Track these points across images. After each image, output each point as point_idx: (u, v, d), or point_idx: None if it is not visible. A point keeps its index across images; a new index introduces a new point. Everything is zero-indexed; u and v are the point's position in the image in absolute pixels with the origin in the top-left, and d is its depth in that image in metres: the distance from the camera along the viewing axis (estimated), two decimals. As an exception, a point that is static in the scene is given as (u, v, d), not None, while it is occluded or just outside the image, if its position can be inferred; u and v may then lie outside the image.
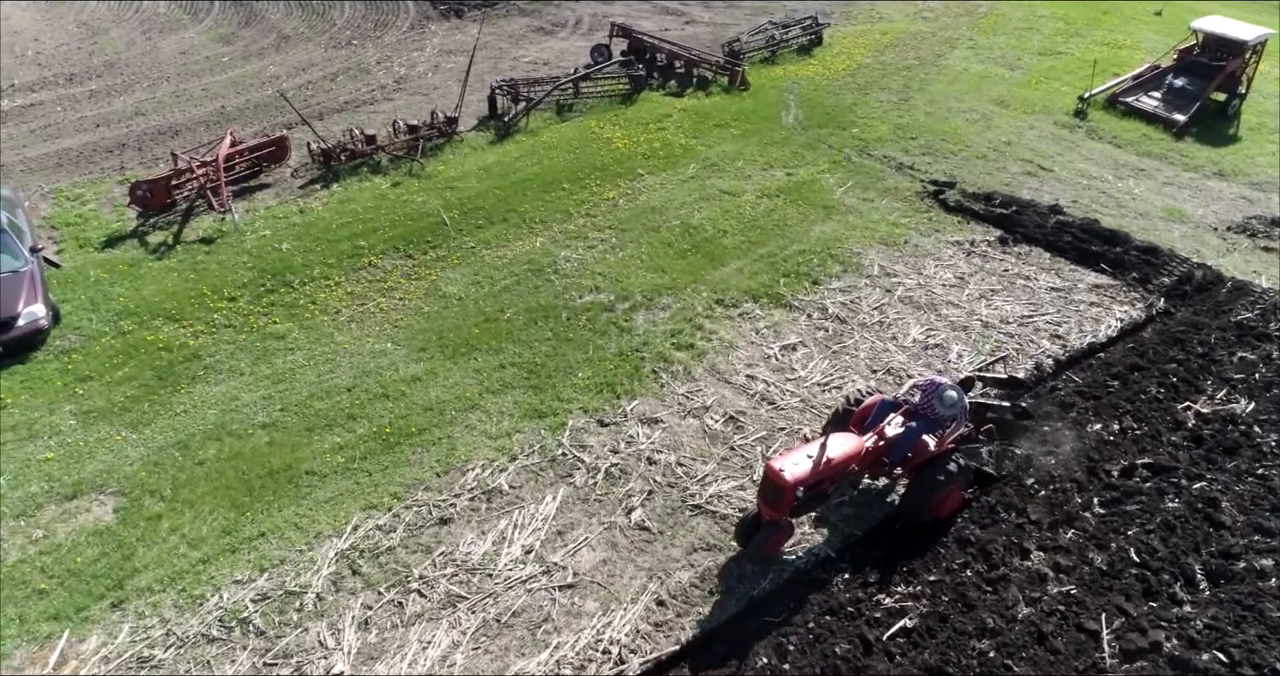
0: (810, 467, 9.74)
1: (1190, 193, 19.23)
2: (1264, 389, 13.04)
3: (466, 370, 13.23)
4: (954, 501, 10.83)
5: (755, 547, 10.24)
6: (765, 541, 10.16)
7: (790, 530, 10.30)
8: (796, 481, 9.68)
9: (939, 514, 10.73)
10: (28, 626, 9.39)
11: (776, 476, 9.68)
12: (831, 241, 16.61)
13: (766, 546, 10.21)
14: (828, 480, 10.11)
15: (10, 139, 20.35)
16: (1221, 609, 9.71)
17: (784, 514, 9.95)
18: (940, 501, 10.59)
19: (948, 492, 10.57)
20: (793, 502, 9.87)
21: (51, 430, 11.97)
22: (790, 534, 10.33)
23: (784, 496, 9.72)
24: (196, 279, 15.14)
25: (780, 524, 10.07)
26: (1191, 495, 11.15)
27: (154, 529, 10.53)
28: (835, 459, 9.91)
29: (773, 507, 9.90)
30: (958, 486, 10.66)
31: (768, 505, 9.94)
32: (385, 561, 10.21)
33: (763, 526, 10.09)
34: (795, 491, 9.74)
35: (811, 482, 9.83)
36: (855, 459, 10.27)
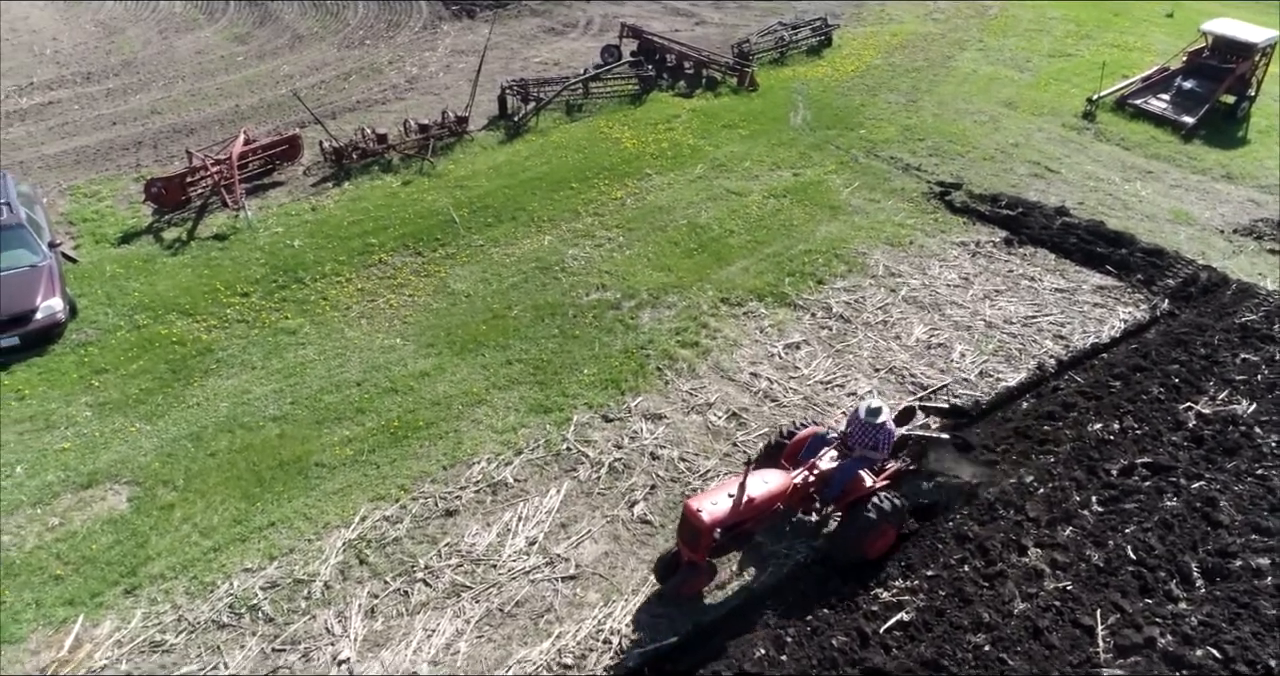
0: (730, 507, 9.33)
1: (1197, 195, 19.25)
2: (1266, 390, 13.10)
3: (474, 366, 13.43)
4: (886, 540, 10.35)
5: (673, 588, 9.79)
6: (683, 583, 9.73)
7: (711, 572, 9.84)
8: (715, 522, 9.28)
9: (870, 553, 10.26)
10: (44, 610, 9.64)
11: (694, 517, 9.29)
12: (837, 241, 16.74)
13: (684, 588, 9.79)
14: (750, 520, 9.66)
15: (29, 136, 20.69)
16: (1217, 606, 9.80)
17: (703, 555, 9.53)
18: (872, 540, 10.16)
19: (881, 531, 10.13)
20: (710, 544, 9.47)
21: (68, 421, 12.24)
22: (711, 576, 9.87)
23: (701, 538, 9.32)
24: (210, 274, 15.40)
25: (699, 565, 9.63)
26: (1190, 494, 11.24)
27: (167, 518, 10.77)
28: (758, 498, 9.50)
29: (691, 548, 9.48)
30: (888, 526, 10.17)
31: (686, 545, 9.53)
32: (392, 551, 10.42)
33: (682, 567, 9.67)
34: (713, 532, 9.34)
35: (731, 523, 9.42)
36: (780, 497, 9.82)
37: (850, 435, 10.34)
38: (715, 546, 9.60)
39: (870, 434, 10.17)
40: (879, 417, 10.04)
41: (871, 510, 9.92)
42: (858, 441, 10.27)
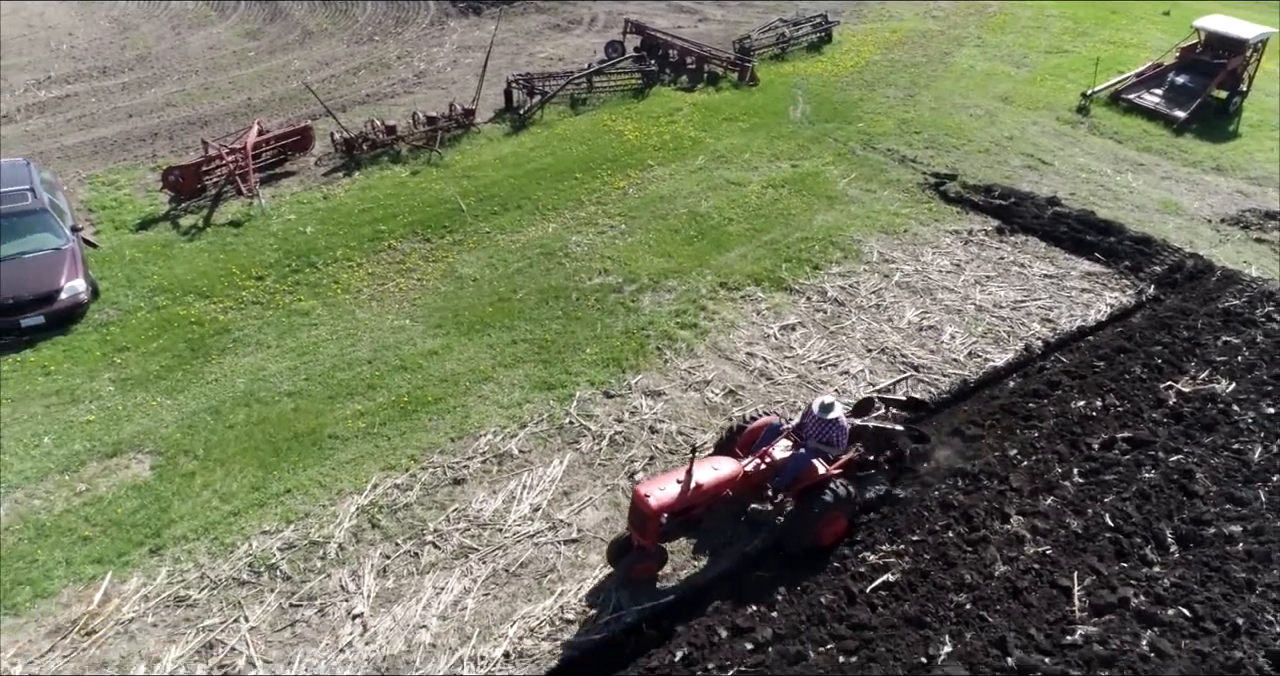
0: (677, 494, 9.57)
1: (1187, 187, 19.69)
2: (1246, 370, 13.55)
3: (480, 345, 13.94)
4: (837, 529, 10.52)
5: (624, 570, 10.02)
6: (634, 566, 9.95)
7: (661, 557, 10.06)
8: (661, 507, 9.51)
9: (820, 541, 10.41)
10: (74, 568, 10.16)
11: (642, 502, 9.51)
12: (833, 230, 17.21)
13: (635, 571, 9.99)
14: (698, 506, 9.87)
15: (48, 127, 21.27)
16: (1189, 569, 10.27)
17: (651, 540, 9.74)
18: (822, 528, 10.33)
19: (831, 519, 10.31)
20: (659, 529, 9.68)
21: (92, 395, 12.78)
22: (661, 561, 10.09)
23: (649, 523, 9.54)
24: (226, 259, 15.93)
25: (649, 550, 9.85)
26: (1168, 467, 11.70)
27: (188, 484, 11.30)
28: (706, 484, 9.73)
29: (640, 533, 9.72)
30: (838, 514, 10.36)
31: (635, 530, 9.77)
32: (403, 516, 10.93)
33: (632, 550, 9.93)
34: (660, 518, 9.56)
35: (679, 509, 9.65)
36: (730, 484, 10.02)
37: (804, 427, 10.50)
38: (664, 531, 9.81)
39: (824, 429, 10.33)
40: (831, 413, 10.24)
41: (823, 498, 10.11)
42: (812, 434, 10.42)
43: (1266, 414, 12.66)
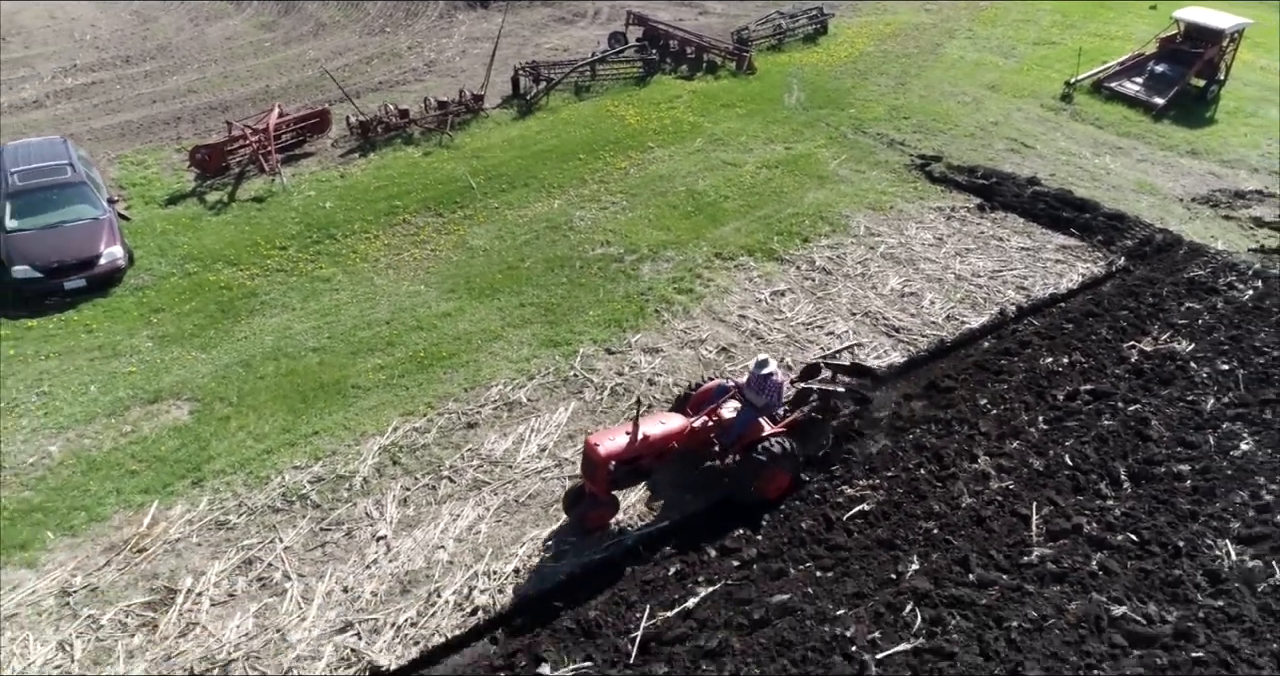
0: (625, 443, 10.31)
1: (1162, 169, 20.65)
2: (1205, 332, 14.51)
3: (491, 308, 14.95)
4: (780, 482, 11.16)
5: (578, 517, 10.69)
6: (586, 513, 10.65)
7: (613, 505, 10.71)
8: (610, 455, 10.23)
9: (765, 493, 11.06)
10: (124, 497, 11.19)
11: (592, 451, 10.27)
12: (823, 206, 18.20)
13: (588, 518, 10.67)
14: (645, 456, 10.55)
15: (76, 112, 22.31)
16: (1139, 502, 11.24)
17: (602, 488, 10.45)
18: (765, 482, 10.98)
19: (771, 473, 10.95)
20: (609, 477, 10.37)
21: (132, 350, 13.81)
22: (613, 509, 10.75)
23: (599, 470, 10.27)
24: (251, 231, 16.96)
25: (600, 498, 10.55)
26: (1126, 415, 12.67)
27: (224, 427, 12.32)
28: (653, 436, 10.48)
29: (591, 481, 10.48)
30: (779, 470, 10.99)
31: (588, 478, 10.55)
32: (421, 455, 11.94)
33: (585, 498, 10.68)
34: (608, 465, 10.25)
35: (626, 458, 10.35)
36: (676, 437, 10.74)
37: (747, 386, 11.23)
38: (613, 480, 10.51)
39: (761, 385, 11.05)
40: (765, 370, 10.96)
41: (763, 453, 10.81)
42: (753, 392, 11.15)
43: (1221, 370, 13.62)
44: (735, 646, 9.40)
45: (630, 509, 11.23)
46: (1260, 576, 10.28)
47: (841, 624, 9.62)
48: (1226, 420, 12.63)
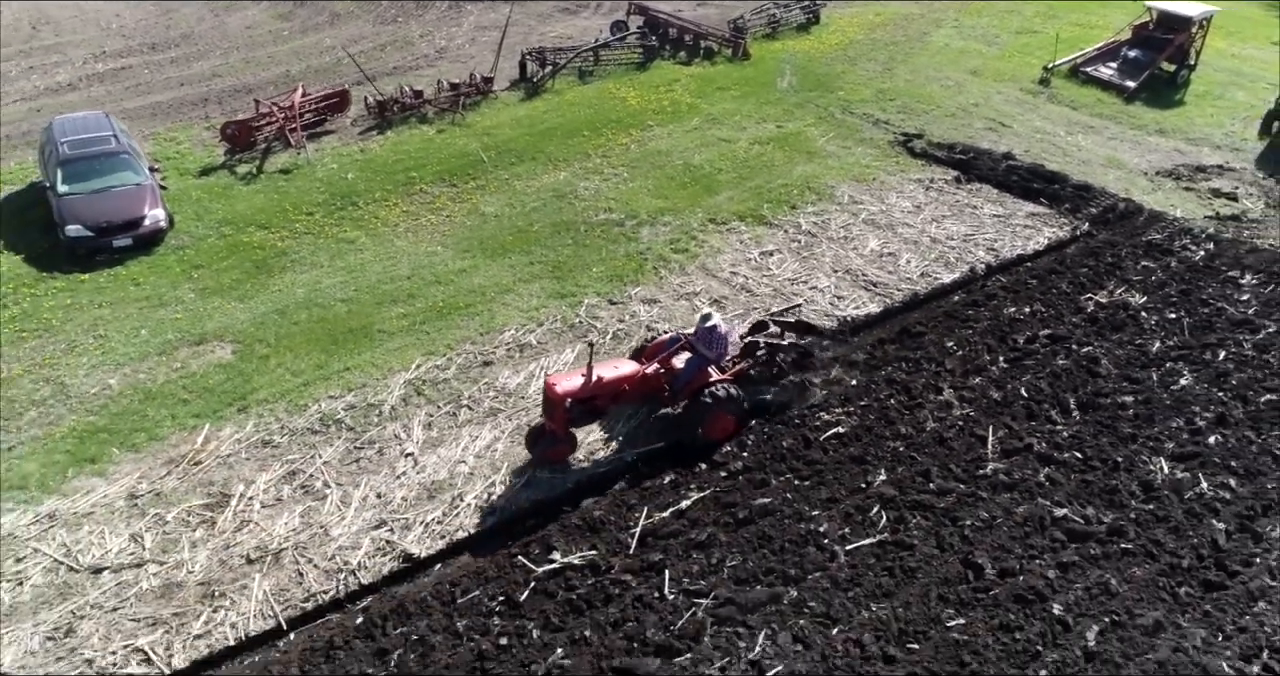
0: (581, 384, 11.38)
1: (1130, 145, 21.99)
2: (1158, 287, 15.85)
3: (503, 266, 16.29)
4: (724, 425, 12.07)
5: (540, 453, 11.68)
6: (547, 450, 11.65)
7: (571, 441, 11.71)
8: (566, 394, 11.24)
9: (711, 435, 11.97)
10: (178, 421, 12.54)
11: (550, 390, 11.28)
12: (811, 178, 19.53)
13: (548, 454, 11.68)
14: (600, 397, 11.60)
15: (109, 94, 23.66)
16: (1085, 427, 12.58)
17: (560, 425, 11.42)
18: (710, 424, 11.88)
19: (716, 416, 11.88)
20: (566, 415, 11.34)
21: (177, 300, 15.16)
22: (571, 445, 11.74)
23: (557, 409, 11.26)
24: (279, 198, 18.31)
25: (558, 434, 11.52)
26: (1079, 356, 14.01)
27: (264, 364, 13.67)
28: (606, 379, 11.54)
29: (550, 419, 11.44)
30: (723, 413, 11.93)
31: (547, 416, 11.51)
32: (442, 387, 13.29)
33: (545, 436, 11.65)
34: (565, 403, 11.22)
35: (582, 397, 11.37)
36: (628, 381, 11.79)
37: (695, 338, 12.17)
38: (570, 418, 11.50)
39: (707, 337, 12.03)
40: (709, 323, 11.97)
41: (709, 397, 11.78)
42: (700, 342, 12.10)
43: (1169, 318, 14.96)
44: (722, 539, 10.76)
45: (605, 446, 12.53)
46: (1188, 486, 11.63)
47: (816, 522, 10.98)
48: (1170, 360, 13.97)
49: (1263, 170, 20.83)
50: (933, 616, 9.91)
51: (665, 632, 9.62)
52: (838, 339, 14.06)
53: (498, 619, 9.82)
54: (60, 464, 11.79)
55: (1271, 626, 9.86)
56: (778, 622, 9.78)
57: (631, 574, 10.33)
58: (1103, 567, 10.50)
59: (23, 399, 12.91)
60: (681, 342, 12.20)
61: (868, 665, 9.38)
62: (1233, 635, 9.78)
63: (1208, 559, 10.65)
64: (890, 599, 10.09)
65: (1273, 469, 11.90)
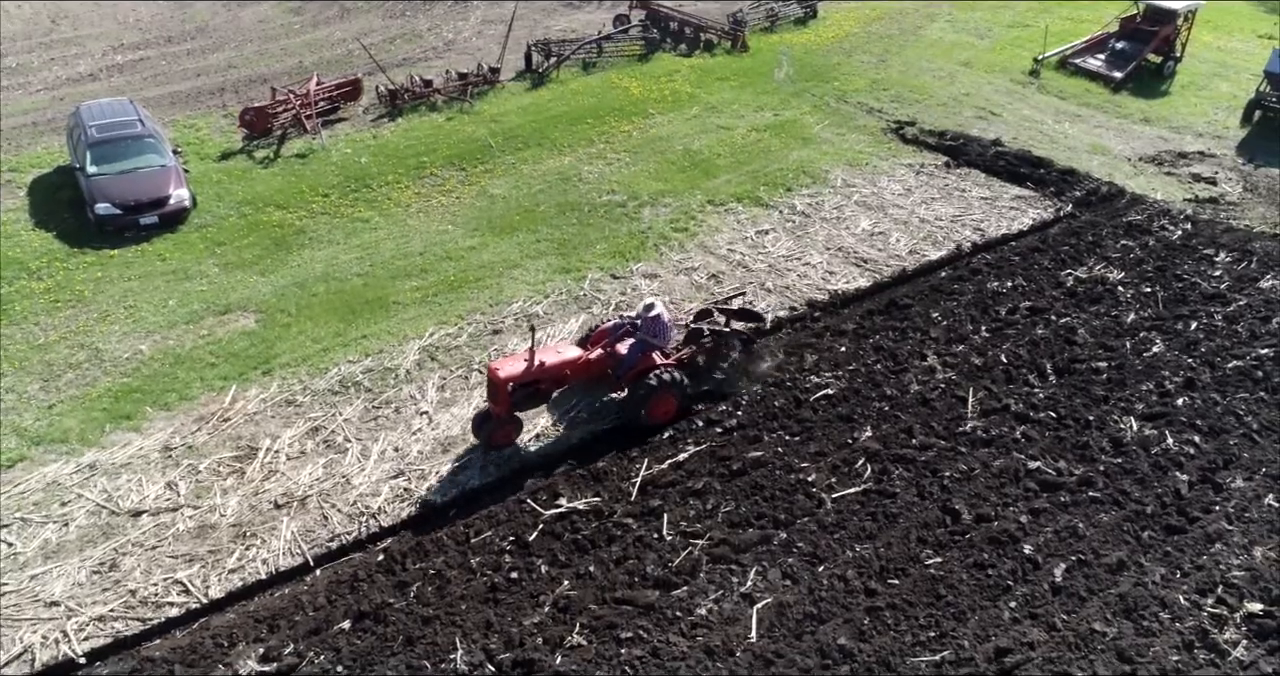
0: (523, 368, 11.58)
1: (1115, 133, 22.74)
2: (1135, 264, 16.60)
3: (510, 244, 17.09)
4: (668, 407, 12.36)
5: (486, 436, 11.90)
6: (493, 433, 11.87)
7: (516, 424, 11.96)
8: (508, 378, 11.45)
9: (654, 417, 12.29)
10: (207, 382, 13.35)
11: (493, 374, 11.49)
12: (805, 163, 20.30)
13: (495, 437, 11.91)
14: (543, 381, 11.86)
15: (129, 84, 24.48)
16: (1060, 390, 13.35)
17: (504, 408, 11.62)
18: (653, 407, 12.19)
19: (658, 400, 12.14)
20: (509, 399, 11.53)
21: (201, 274, 15.97)
22: (516, 427, 12.00)
23: (500, 392, 11.47)
24: (296, 181, 19.11)
25: (502, 417, 11.73)
26: (1057, 326, 14.77)
27: (286, 332, 14.48)
28: (549, 363, 11.79)
29: (494, 402, 11.67)
30: (666, 396, 12.19)
31: (491, 400, 11.76)
32: (454, 353, 14.08)
33: (491, 420, 11.89)
34: (507, 387, 11.43)
35: (524, 381, 11.60)
36: (571, 366, 12.09)
37: (639, 325, 12.51)
38: (514, 402, 11.73)
39: (648, 324, 12.33)
40: (651, 312, 12.24)
41: (651, 380, 12.04)
42: (644, 330, 12.42)
43: (1145, 292, 15.71)
44: (717, 488, 11.55)
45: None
46: (1155, 442, 12.40)
47: (804, 473, 11.77)
48: (1143, 330, 14.73)
49: (1242, 156, 21.58)
50: (912, 556, 10.68)
51: (664, 569, 10.40)
52: (775, 329, 14.37)
53: (508, 556, 10.61)
54: (98, 420, 12.60)
55: (1227, 565, 10.63)
56: (768, 561, 10.56)
57: (632, 518, 11.11)
58: (1071, 514, 11.27)
59: (60, 362, 13.72)
60: (625, 329, 12.53)
61: (851, 597, 10.16)
62: (1190, 572, 10.55)
63: (1170, 506, 11.41)
64: (873, 540, 10.87)
65: (1235, 427, 12.66)
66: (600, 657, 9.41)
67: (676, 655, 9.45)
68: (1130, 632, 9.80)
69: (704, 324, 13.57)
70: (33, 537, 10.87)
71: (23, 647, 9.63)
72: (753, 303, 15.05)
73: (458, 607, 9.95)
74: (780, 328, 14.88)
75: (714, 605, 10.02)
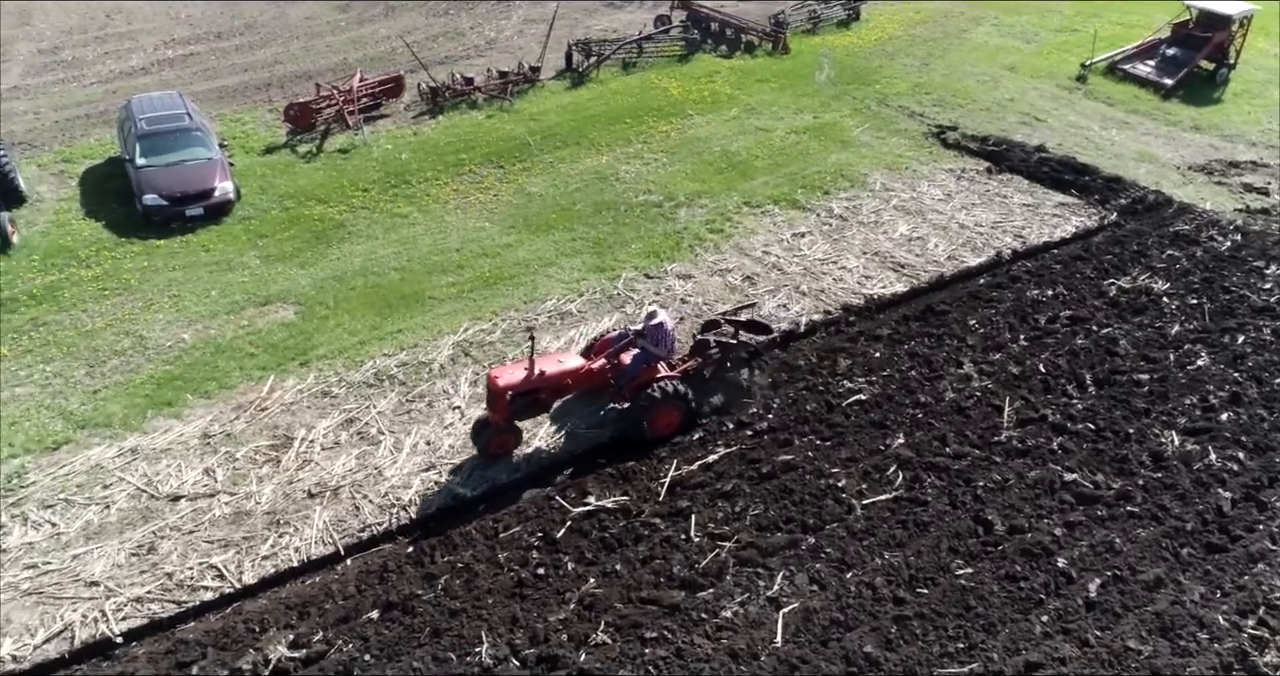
0: (523, 377, 11.43)
1: (1164, 141, 22.25)
2: (1181, 275, 16.24)
3: (546, 241, 17.17)
4: (670, 419, 12.10)
5: (484, 444, 11.77)
6: (490, 441, 11.74)
7: (514, 433, 11.76)
8: (507, 387, 11.30)
9: (656, 430, 12.03)
10: (245, 372, 13.59)
11: (492, 382, 11.40)
12: (844, 166, 20.14)
13: (491, 445, 11.78)
14: (543, 390, 11.65)
15: (178, 78, 24.99)
16: (1099, 401, 13.10)
17: (502, 416, 11.49)
18: (655, 419, 11.94)
19: (661, 412, 11.91)
20: (508, 407, 11.38)
21: (243, 266, 16.26)
22: (515, 437, 11.83)
23: (498, 400, 11.35)
24: (337, 176, 19.38)
25: (500, 426, 11.59)
26: (1098, 336, 14.50)
27: (324, 324, 14.69)
28: (549, 372, 11.58)
29: (493, 410, 11.56)
30: (670, 408, 11.96)
31: (490, 408, 11.64)
32: (488, 349, 14.18)
33: (489, 427, 11.75)
34: (506, 395, 11.29)
35: (523, 389, 11.43)
36: (572, 375, 11.85)
37: (643, 334, 12.24)
38: (513, 411, 11.57)
39: (652, 333, 12.10)
40: (654, 320, 12.03)
41: (654, 392, 11.83)
42: (647, 338, 12.17)
43: (1190, 304, 15.36)
44: (746, 491, 11.51)
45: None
46: (1197, 458, 12.12)
47: (835, 478, 11.68)
48: (1188, 342, 14.40)
49: (1297, 166, 21.01)
50: (942, 565, 10.55)
51: (690, 569, 10.39)
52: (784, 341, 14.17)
53: (536, 552, 10.66)
54: (140, 406, 12.89)
55: (1270, 585, 10.36)
56: (795, 565, 10.49)
57: (660, 518, 11.11)
58: (1108, 528, 11.06)
59: (105, 349, 14.06)
60: (629, 339, 12.31)
61: (879, 605, 10.06)
62: (1231, 592, 10.29)
63: (1211, 524, 11.15)
64: (903, 548, 10.76)
65: (1282, 445, 12.34)
66: (624, 656, 9.42)
67: (700, 657, 9.43)
68: (1166, 652, 9.59)
69: (711, 335, 13.29)
70: (75, 518, 11.16)
71: (63, 625, 9.89)
72: (763, 313, 14.89)
73: (484, 601, 10.02)
74: (814, 331, 14.79)
75: (740, 608, 9.98)
